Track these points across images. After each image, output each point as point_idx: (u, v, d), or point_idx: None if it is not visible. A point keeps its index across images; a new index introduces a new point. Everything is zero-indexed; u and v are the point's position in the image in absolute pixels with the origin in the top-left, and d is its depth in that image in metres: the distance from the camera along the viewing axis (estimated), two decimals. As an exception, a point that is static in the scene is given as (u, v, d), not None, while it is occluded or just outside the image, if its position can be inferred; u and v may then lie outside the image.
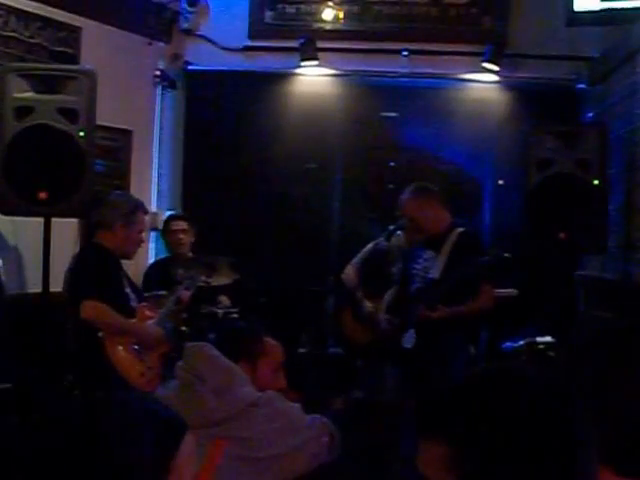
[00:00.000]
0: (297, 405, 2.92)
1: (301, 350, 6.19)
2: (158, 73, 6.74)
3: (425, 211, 5.13)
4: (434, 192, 5.25)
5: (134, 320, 4.67)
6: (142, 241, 5.01)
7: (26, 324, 4.86)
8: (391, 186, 6.75)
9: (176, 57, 6.90)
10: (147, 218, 5.21)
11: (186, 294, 5.25)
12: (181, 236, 6.13)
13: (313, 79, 6.88)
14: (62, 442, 1.18)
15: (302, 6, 6.82)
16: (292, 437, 2.74)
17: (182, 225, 6.18)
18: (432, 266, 5.05)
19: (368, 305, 5.63)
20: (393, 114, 6.84)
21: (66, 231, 5.45)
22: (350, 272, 5.94)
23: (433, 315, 4.88)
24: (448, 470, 1.17)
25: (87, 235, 5.43)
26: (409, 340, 5.01)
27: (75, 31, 5.76)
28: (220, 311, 5.73)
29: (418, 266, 5.16)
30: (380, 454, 3.53)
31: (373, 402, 5.21)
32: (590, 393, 1.35)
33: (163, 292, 5.33)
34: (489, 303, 4.95)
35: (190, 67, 6.94)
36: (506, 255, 4.85)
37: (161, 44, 6.76)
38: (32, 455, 1.20)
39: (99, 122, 4.99)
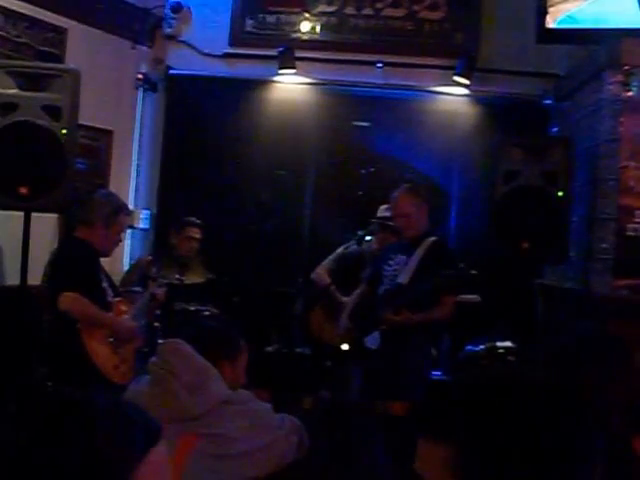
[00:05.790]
0: (268, 405, 2.94)
1: (269, 349, 6.30)
2: (140, 76, 6.84)
3: (417, 210, 5.25)
4: (428, 197, 5.41)
5: (110, 314, 4.76)
6: (120, 240, 5.08)
7: (3, 316, 4.91)
8: (361, 193, 6.91)
9: (158, 61, 7.00)
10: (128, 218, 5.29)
11: (161, 292, 5.37)
12: (194, 244, 6.15)
13: (290, 87, 6.98)
14: (25, 439, 1.11)
15: (282, 16, 6.95)
16: (262, 435, 2.76)
17: (197, 233, 6.16)
18: (402, 271, 5.17)
19: (343, 299, 5.76)
20: (365, 123, 6.99)
21: (45, 226, 5.52)
22: (321, 271, 6.09)
23: (396, 319, 5.03)
24: (449, 472, 1.23)
25: (66, 230, 5.51)
26: (373, 341, 5.14)
27: (61, 32, 5.84)
28: (192, 308, 5.78)
29: (389, 268, 5.26)
30: (348, 454, 3.59)
31: (341, 402, 5.29)
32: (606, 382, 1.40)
33: (138, 289, 5.43)
34: (448, 314, 5.09)
35: (171, 71, 7.04)
36: (473, 272, 4.98)
37: (144, 48, 6.86)
38: None
39: (81, 121, 5.05)
